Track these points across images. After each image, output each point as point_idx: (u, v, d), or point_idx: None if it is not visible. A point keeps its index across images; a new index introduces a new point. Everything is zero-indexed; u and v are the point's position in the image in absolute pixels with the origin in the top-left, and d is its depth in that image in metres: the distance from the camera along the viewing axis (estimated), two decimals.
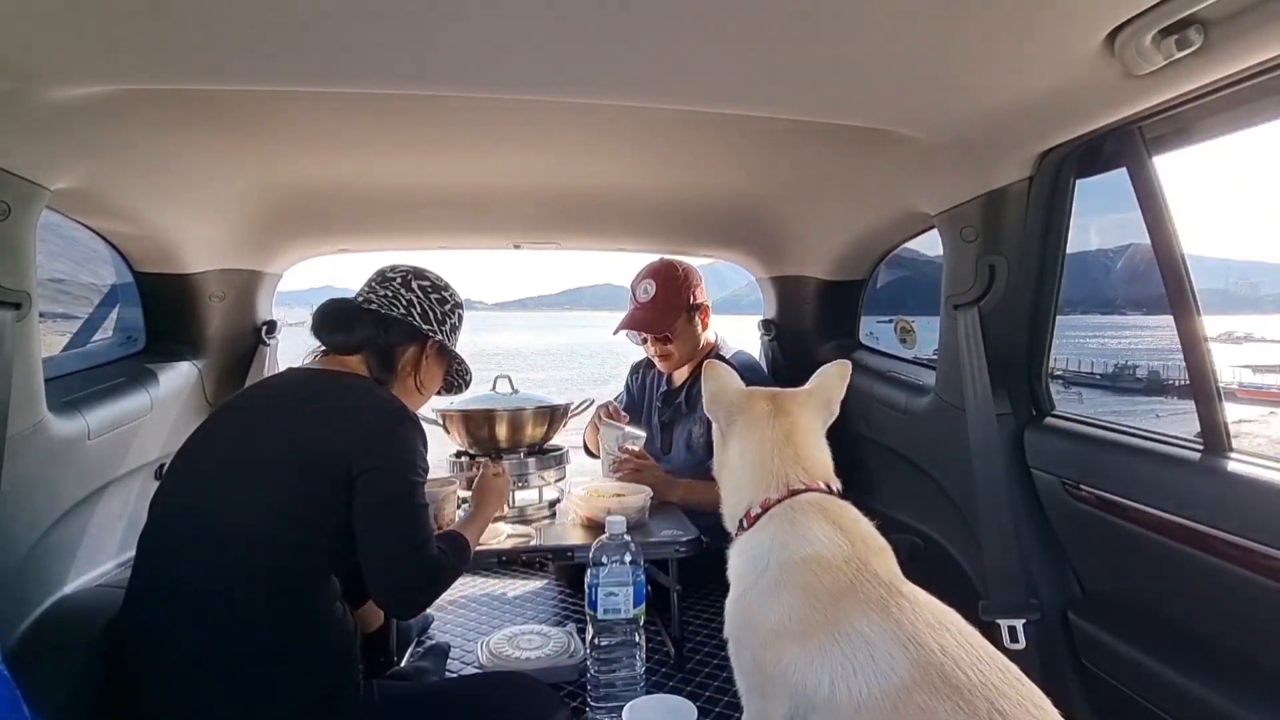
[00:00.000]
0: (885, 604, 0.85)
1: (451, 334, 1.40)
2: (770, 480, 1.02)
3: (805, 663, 0.84)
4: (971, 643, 0.82)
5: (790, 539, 0.94)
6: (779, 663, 0.87)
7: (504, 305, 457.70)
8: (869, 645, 0.81)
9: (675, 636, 1.61)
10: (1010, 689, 0.76)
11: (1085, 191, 1.32)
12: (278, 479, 1.08)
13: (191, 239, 1.71)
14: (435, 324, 1.35)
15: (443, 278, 1.40)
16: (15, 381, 1.09)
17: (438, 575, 1.16)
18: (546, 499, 1.79)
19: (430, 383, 1.40)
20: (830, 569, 0.90)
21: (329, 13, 0.85)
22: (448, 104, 1.28)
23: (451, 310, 1.39)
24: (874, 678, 0.79)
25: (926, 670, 0.78)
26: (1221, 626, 1.06)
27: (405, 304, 1.32)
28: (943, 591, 0.91)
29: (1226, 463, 1.06)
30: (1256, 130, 1.02)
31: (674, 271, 2.04)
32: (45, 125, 1.08)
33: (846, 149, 1.50)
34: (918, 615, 0.84)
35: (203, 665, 1.01)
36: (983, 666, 0.78)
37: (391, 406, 1.19)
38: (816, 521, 0.95)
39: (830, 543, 0.93)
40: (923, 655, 0.79)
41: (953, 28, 0.89)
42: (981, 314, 1.42)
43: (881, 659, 0.80)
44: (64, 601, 1.22)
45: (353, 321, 1.28)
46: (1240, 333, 4.05)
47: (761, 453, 1.05)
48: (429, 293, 1.36)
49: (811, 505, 0.98)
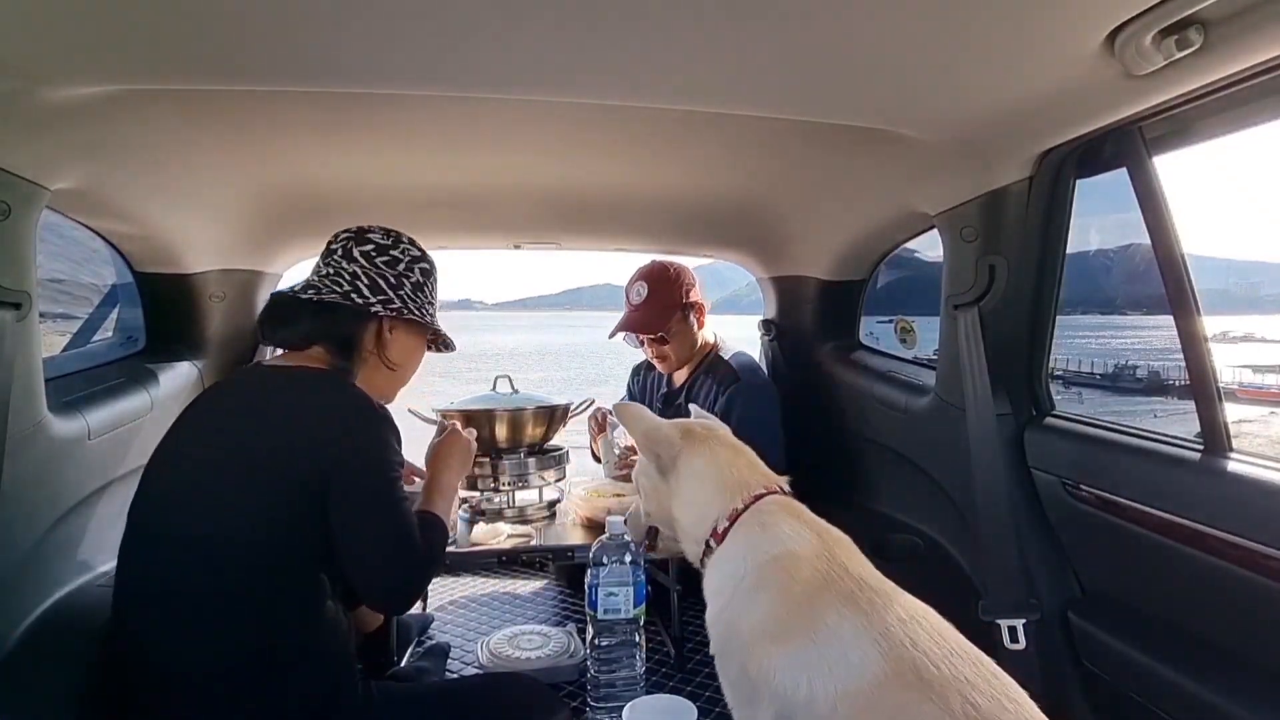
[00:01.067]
0: (855, 598, 0.86)
1: (415, 294, 1.23)
2: (735, 490, 1.04)
3: (785, 664, 0.85)
4: (945, 636, 0.82)
5: (762, 540, 0.97)
6: (761, 668, 0.87)
7: (504, 305, 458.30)
8: (842, 642, 0.82)
9: (675, 636, 1.61)
10: (984, 683, 0.76)
11: (1085, 191, 1.32)
12: (249, 487, 1.02)
13: (191, 239, 1.71)
14: (389, 291, 1.19)
15: (394, 232, 1.24)
16: (15, 381, 1.08)
17: (424, 567, 1.11)
18: (546, 499, 1.79)
19: (403, 358, 1.26)
20: (802, 563, 0.91)
21: (329, 13, 0.85)
22: (448, 104, 1.28)
23: (408, 269, 1.23)
24: (848, 675, 0.80)
25: (899, 665, 0.78)
26: (1221, 626, 1.06)
27: (349, 278, 1.18)
28: (943, 591, 0.92)
29: (1226, 463, 1.06)
30: (1256, 130, 1.02)
31: (665, 272, 2.05)
32: (45, 125, 1.08)
33: (846, 149, 1.50)
34: (888, 609, 0.84)
35: (191, 673, 0.99)
36: (956, 660, 0.78)
37: (349, 404, 1.08)
38: (784, 520, 0.98)
39: (799, 538, 0.95)
40: (894, 650, 0.79)
41: (953, 28, 0.89)
42: (981, 314, 1.42)
43: (854, 656, 0.80)
44: (64, 601, 1.22)
45: (290, 314, 1.18)
46: (1236, 333, 4.05)
47: (719, 468, 1.08)
48: (374, 257, 1.20)
49: (777, 506, 1.02)
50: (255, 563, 1.01)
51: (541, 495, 1.78)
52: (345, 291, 1.18)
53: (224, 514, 1.02)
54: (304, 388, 1.11)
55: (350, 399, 1.10)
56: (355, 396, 1.11)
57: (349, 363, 1.18)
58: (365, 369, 1.22)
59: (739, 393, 1.92)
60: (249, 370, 1.28)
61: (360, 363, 1.20)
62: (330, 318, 1.18)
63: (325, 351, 1.17)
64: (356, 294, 1.18)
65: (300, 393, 1.10)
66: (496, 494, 1.72)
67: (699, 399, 2.03)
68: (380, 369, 1.24)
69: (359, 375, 1.20)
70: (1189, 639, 1.11)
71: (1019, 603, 1.29)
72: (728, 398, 1.92)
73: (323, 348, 1.18)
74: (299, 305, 1.18)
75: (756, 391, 1.96)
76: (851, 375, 2.07)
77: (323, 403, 1.09)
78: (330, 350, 1.17)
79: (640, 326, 2.02)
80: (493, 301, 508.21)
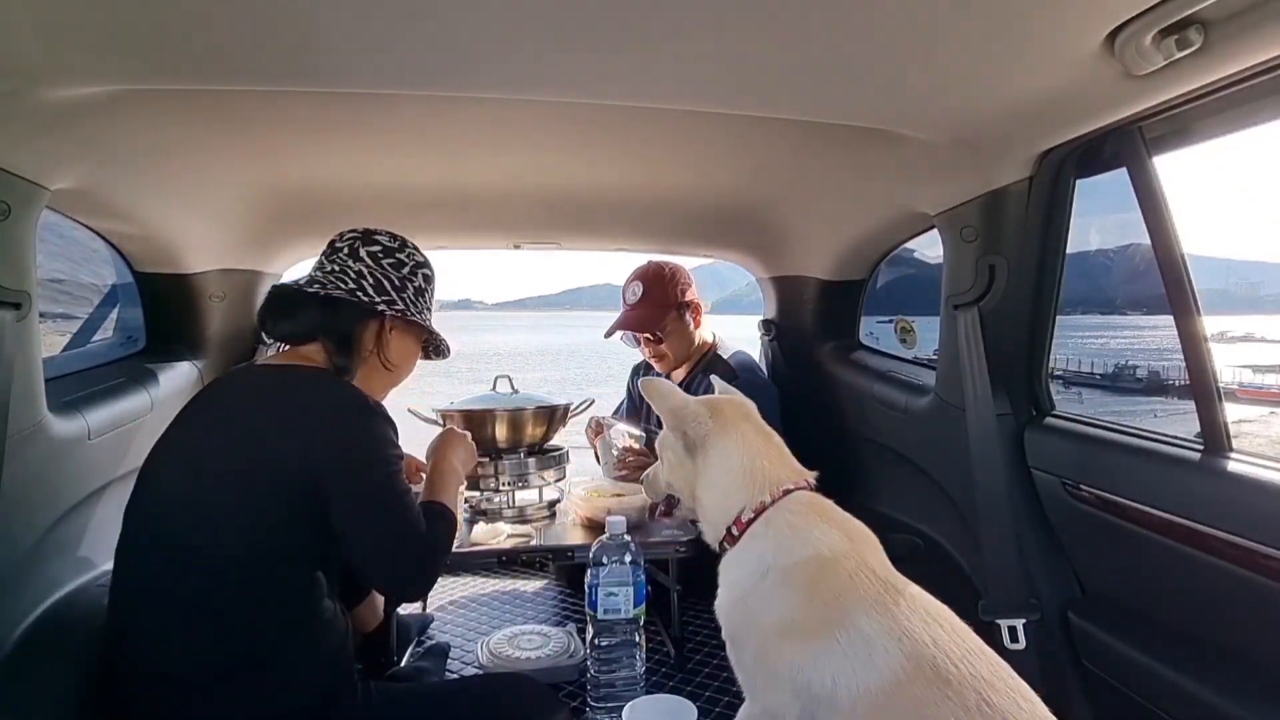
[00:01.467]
0: (882, 599, 0.87)
1: (417, 299, 1.25)
2: (764, 483, 1.03)
3: (809, 661, 0.85)
4: (963, 637, 0.84)
5: (792, 542, 0.95)
6: (781, 661, 0.88)
7: (504, 305, 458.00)
8: (867, 642, 0.83)
9: (675, 636, 1.61)
10: (1000, 682, 0.78)
11: (1085, 191, 1.32)
12: (242, 491, 1.02)
13: (191, 239, 1.71)
14: (392, 293, 1.21)
15: (399, 236, 1.26)
16: (15, 381, 1.08)
17: (432, 557, 1.11)
18: (546, 499, 1.79)
19: (400, 359, 1.28)
20: (830, 568, 0.91)
21: (329, 13, 0.85)
22: (448, 104, 1.28)
23: (412, 273, 1.25)
24: (871, 672, 0.81)
25: (919, 663, 0.79)
26: (1221, 626, 1.06)
27: (355, 276, 1.19)
28: (943, 591, 0.92)
29: (1226, 463, 1.06)
30: (1256, 130, 1.02)
31: (660, 272, 2.05)
32: (45, 125, 1.08)
33: (846, 149, 1.50)
34: (912, 610, 0.86)
35: (189, 674, 1.00)
36: (974, 660, 0.80)
37: (344, 401, 1.09)
38: (814, 522, 0.97)
39: (829, 542, 0.94)
40: (915, 648, 0.81)
41: (952, 28, 0.89)
42: (981, 314, 1.42)
43: (878, 654, 0.82)
44: (64, 601, 1.22)
45: (294, 308, 1.18)
46: (1236, 333, 4.06)
47: (749, 457, 1.05)
48: (381, 258, 1.22)
49: (806, 506, 1.00)
50: (252, 564, 1.01)
51: (541, 495, 1.78)
52: (351, 289, 1.18)
53: (219, 517, 1.02)
54: (298, 385, 1.11)
55: (344, 395, 1.10)
56: (349, 392, 1.11)
57: (348, 360, 1.18)
58: (364, 368, 1.22)
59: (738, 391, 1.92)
60: (242, 370, 1.28)
61: (359, 361, 1.20)
62: (334, 313, 1.18)
63: (324, 348, 1.17)
64: (362, 292, 1.19)
65: (294, 391, 1.10)
66: (496, 494, 1.72)
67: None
68: (378, 369, 1.24)
69: (356, 375, 1.20)
70: (1189, 639, 1.11)
71: (1019, 603, 1.30)
72: None
73: (322, 344, 1.17)
74: (303, 298, 1.18)
75: (756, 390, 1.94)
76: (851, 375, 2.07)
77: (317, 400, 1.08)
78: (330, 347, 1.17)
79: (636, 325, 2.03)
80: (493, 301, 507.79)
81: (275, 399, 1.10)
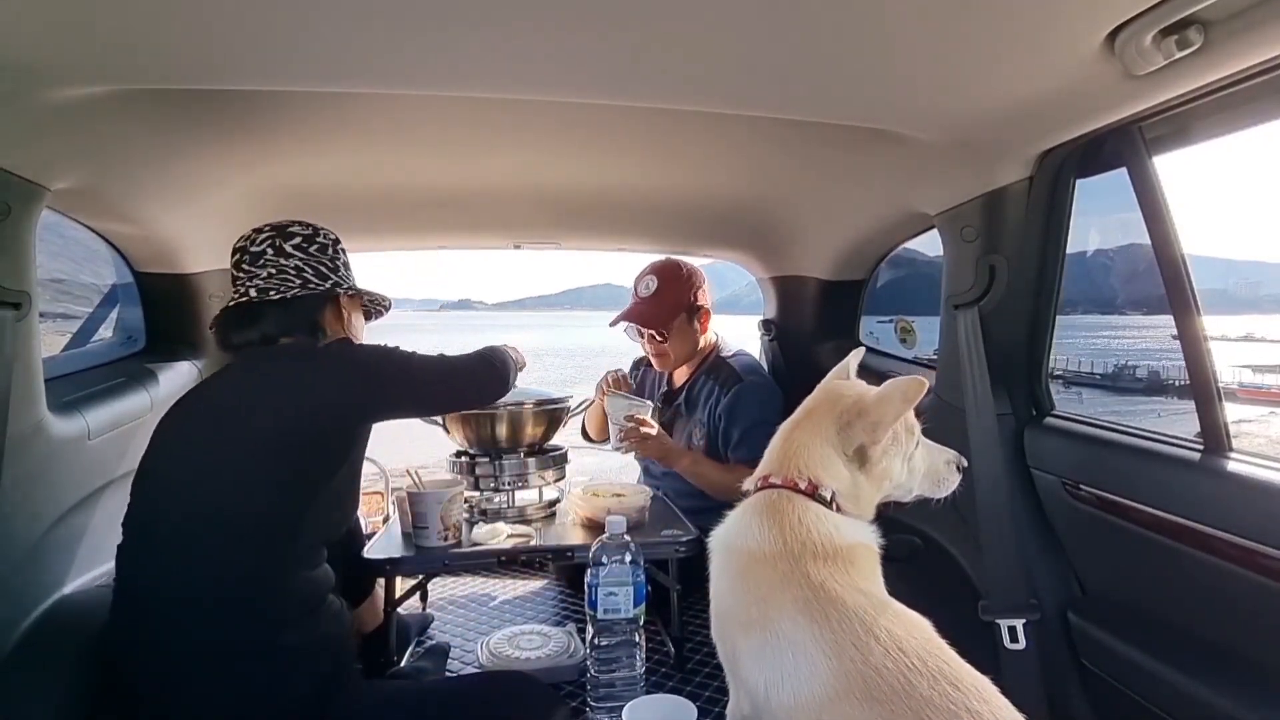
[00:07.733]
0: (810, 606, 0.84)
1: (347, 270, 1.36)
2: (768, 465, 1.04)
3: (749, 659, 0.87)
4: (903, 650, 0.79)
5: (737, 526, 0.99)
6: (732, 653, 0.90)
7: (504, 305, 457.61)
8: (794, 650, 0.82)
9: (675, 636, 1.61)
10: (940, 698, 0.74)
11: (1085, 191, 1.32)
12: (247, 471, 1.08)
13: (191, 239, 1.71)
14: (332, 274, 1.30)
15: (306, 221, 1.33)
16: (15, 381, 1.08)
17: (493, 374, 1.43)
18: (546, 499, 1.79)
19: (358, 327, 1.42)
20: (762, 563, 0.91)
21: (329, 13, 0.85)
22: (448, 104, 1.28)
23: (335, 251, 1.34)
24: (799, 685, 0.80)
25: (849, 680, 0.77)
26: (1222, 626, 1.06)
27: (294, 272, 1.26)
28: (943, 591, 0.92)
29: (1226, 463, 1.06)
30: (1256, 130, 1.02)
31: (678, 270, 2.04)
32: (45, 125, 1.08)
33: (846, 149, 1.50)
34: (844, 623, 0.82)
35: (194, 664, 1.01)
36: (911, 676, 0.76)
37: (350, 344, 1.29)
38: (758, 518, 0.96)
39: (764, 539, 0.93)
40: (844, 665, 0.78)
41: (952, 28, 0.89)
42: (981, 314, 1.42)
43: (804, 666, 0.81)
44: (64, 601, 1.22)
45: (257, 318, 1.25)
46: (1233, 334, 4.06)
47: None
48: (305, 248, 1.29)
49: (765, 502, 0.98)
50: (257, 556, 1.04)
51: (541, 495, 1.78)
52: (301, 284, 1.27)
53: (221, 508, 1.05)
54: (301, 353, 1.24)
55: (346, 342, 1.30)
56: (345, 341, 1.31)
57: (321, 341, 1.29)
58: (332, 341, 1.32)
59: (742, 392, 1.92)
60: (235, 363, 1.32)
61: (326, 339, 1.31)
62: (295, 310, 1.27)
63: (296, 341, 1.27)
64: (310, 283, 1.27)
65: (301, 357, 1.23)
66: (496, 494, 1.72)
67: (699, 399, 2.03)
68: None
69: None
70: (1189, 639, 1.11)
71: (1019, 603, 1.29)
72: (731, 397, 1.92)
73: (296, 339, 1.26)
74: (262, 306, 1.25)
75: (759, 390, 1.96)
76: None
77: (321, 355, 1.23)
78: (303, 338, 1.27)
79: (643, 320, 2.02)
80: (493, 301, 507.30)
81: (284, 367, 1.21)
